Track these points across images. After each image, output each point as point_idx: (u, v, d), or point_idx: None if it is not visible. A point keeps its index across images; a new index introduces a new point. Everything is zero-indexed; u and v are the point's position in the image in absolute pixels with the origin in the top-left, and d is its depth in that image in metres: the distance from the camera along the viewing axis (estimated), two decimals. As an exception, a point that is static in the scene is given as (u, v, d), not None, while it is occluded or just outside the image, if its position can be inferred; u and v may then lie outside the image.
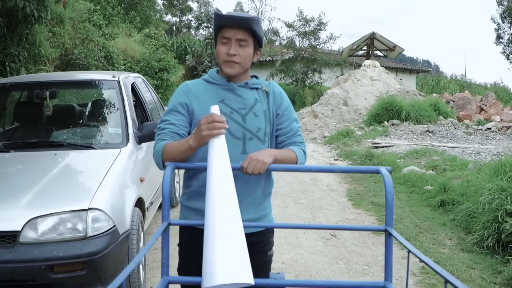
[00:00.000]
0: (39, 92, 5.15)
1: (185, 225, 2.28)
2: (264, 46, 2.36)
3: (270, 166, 2.03)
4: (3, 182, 3.70)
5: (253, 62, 2.30)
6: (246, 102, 2.26)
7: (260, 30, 2.25)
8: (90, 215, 3.34)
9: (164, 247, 1.84)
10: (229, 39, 2.20)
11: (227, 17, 2.19)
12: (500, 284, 4.35)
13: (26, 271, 3.19)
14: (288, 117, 2.34)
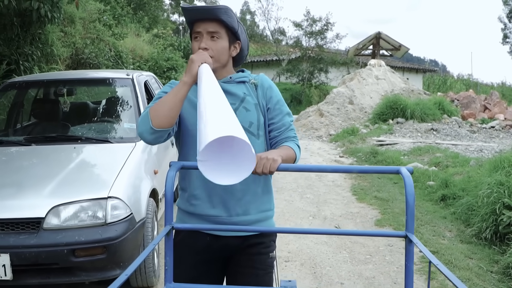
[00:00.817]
0: (57, 90, 5.41)
1: (190, 229, 2.16)
2: (248, 41, 2.32)
3: (280, 166, 1.89)
4: (26, 173, 3.95)
5: (234, 57, 2.22)
6: (235, 97, 2.14)
7: (232, 20, 2.12)
8: (109, 203, 3.58)
9: (168, 252, 1.75)
10: (200, 33, 2.11)
11: (191, 9, 2.10)
12: (496, 273, 4.56)
13: (49, 255, 3.44)
14: (279, 111, 2.21)
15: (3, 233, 3.46)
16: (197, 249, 2.17)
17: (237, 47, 2.21)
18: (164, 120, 1.95)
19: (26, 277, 3.52)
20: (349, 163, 10.08)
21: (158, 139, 2.02)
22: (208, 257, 2.19)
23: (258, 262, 2.18)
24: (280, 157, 1.93)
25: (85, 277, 3.59)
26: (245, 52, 2.28)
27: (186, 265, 2.17)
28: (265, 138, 2.21)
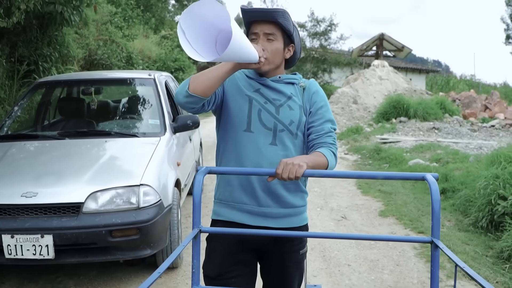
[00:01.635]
0: (85, 89, 5.84)
1: (217, 232, 2.18)
2: (301, 45, 2.39)
3: (305, 171, 1.90)
4: (64, 163, 4.37)
5: (287, 59, 2.29)
6: (282, 94, 2.21)
7: (288, 23, 2.18)
8: (141, 190, 4.00)
9: (195, 255, 1.78)
10: (257, 34, 2.17)
11: (251, 11, 2.17)
12: (490, 257, 4.96)
13: (89, 236, 3.85)
14: (321, 116, 2.22)
15: (46, 217, 3.86)
16: (231, 242, 2.21)
17: (291, 49, 2.28)
18: (199, 86, 1.99)
19: (66, 257, 3.92)
20: (354, 160, 10.50)
21: (189, 105, 2.05)
22: (241, 250, 2.22)
23: (289, 260, 2.24)
24: (305, 163, 1.92)
25: (119, 255, 4.01)
26: (297, 55, 2.33)
27: (219, 255, 2.23)
28: (303, 139, 2.23)
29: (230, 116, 2.21)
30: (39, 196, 3.88)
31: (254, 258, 2.28)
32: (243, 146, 2.18)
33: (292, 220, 2.23)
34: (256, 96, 2.19)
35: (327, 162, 2.08)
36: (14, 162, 4.49)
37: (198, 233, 1.80)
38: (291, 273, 2.27)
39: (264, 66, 2.14)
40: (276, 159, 2.08)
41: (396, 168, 9.06)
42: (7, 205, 3.89)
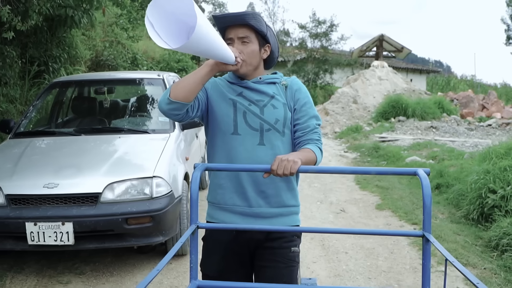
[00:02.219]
0: (98, 88, 6.20)
1: (215, 228, 2.26)
2: (278, 44, 2.41)
3: (300, 167, 1.95)
4: (82, 157, 4.72)
5: (265, 59, 2.34)
6: (264, 95, 2.26)
7: (261, 24, 2.23)
8: (154, 181, 4.34)
9: (193, 251, 1.83)
10: (231, 39, 2.22)
11: (221, 17, 2.22)
12: (479, 246, 5.28)
13: (106, 223, 4.19)
14: (305, 112, 2.27)
15: (67, 206, 4.21)
16: (225, 241, 2.28)
17: (267, 50, 2.31)
18: (180, 92, 2.06)
19: (85, 243, 4.26)
20: (353, 158, 10.84)
21: (173, 111, 2.12)
22: (236, 249, 2.29)
23: (279, 255, 2.26)
24: (299, 159, 1.97)
25: (134, 242, 4.36)
26: (275, 54, 2.37)
27: (215, 256, 2.31)
28: (290, 137, 2.28)
29: (216, 121, 2.28)
30: (60, 187, 4.22)
31: (249, 260, 2.34)
32: (232, 149, 2.24)
33: (284, 220, 2.28)
34: (239, 99, 2.24)
35: (316, 158, 2.15)
36: (34, 156, 4.84)
37: (196, 229, 1.83)
38: (281, 271, 2.27)
39: (242, 68, 2.20)
40: (266, 158, 2.17)
41: (393, 165, 9.40)
42: (31, 195, 4.23)
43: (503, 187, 5.77)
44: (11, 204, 4.24)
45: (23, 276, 4.52)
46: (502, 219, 5.34)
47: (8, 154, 4.94)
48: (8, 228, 4.21)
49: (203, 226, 1.94)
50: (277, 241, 2.26)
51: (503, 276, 4.45)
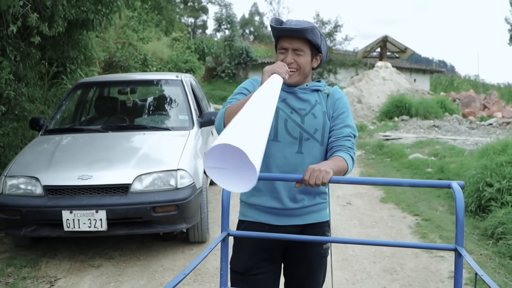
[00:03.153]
0: (121, 89, 6.66)
1: (246, 236, 2.26)
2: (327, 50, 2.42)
3: (332, 178, 1.95)
4: (112, 152, 5.16)
5: (313, 67, 2.38)
6: (307, 103, 2.30)
7: (316, 37, 2.26)
8: (178, 173, 4.77)
9: (223, 258, 1.86)
10: (286, 49, 2.27)
11: (281, 29, 2.24)
12: (476, 235, 5.69)
13: (136, 211, 4.62)
14: (342, 120, 2.29)
15: (100, 196, 4.64)
16: (257, 238, 2.29)
17: (318, 59, 2.37)
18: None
19: (116, 229, 4.70)
20: (358, 155, 11.25)
21: None
22: (268, 245, 2.33)
23: (312, 252, 2.35)
24: (331, 169, 1.97)
25: (160, 228, 4.79)
26: (324, 60, 2.42)
27: (246, 251, 2.34)
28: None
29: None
30: (93, 178, 4.66)
31: (279, 256, 2.39)
32: (270, 155, 2.25)
33: (315, 216, 2.35)
34: (282, 106, 2.27)
35: (347, 167, 2.15)
36: (67, 151, 5.28)
37: (227, 236, 1.86)
38: (314, 267, 2.37)
39: (290, 79, 2.26)
40: (303, 167, 2.18)
41: (396, 162, 9.82)
42: (66, 186, 4.67)
43: (499, 181, 6.17)
44: (48, 194, 4.67)
45: (56, 261, 4.95)
46: (498, 210, 5.75)
47: (42, 149, 5.39)
48: (46, 216, 4.65)
49: (234, 234, 1.97)
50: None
51: (497, 261, 4.85)
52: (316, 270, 2.39)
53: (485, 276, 1.45)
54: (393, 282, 4.40)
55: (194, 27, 49.99)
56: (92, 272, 4.66)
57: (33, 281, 4.49)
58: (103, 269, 4.74)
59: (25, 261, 4.87)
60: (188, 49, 23.13)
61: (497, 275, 4.52)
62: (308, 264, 2.36)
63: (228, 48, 29.32)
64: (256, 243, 2.32)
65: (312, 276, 2.39)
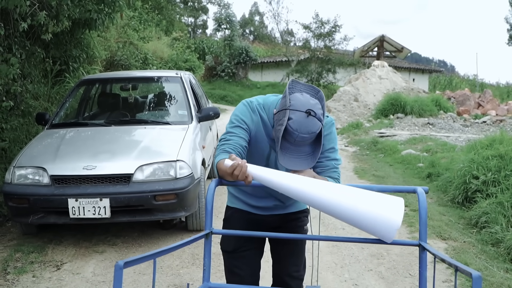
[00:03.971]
0: (124, 85, 6.95)
1: (229, 234, 2.44)
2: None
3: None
4: (115, 144, 5.45)
5: None
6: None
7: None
8: (177, 164, 5.05)
9: (206, 254, 1.95)
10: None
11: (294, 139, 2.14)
12: (462, 224, 5.97)
13: (137, 199, 4.90)
14: (328, 155, 2.37)
15: (104, 185, 4.93)
16: (244, 222, 2.58)
17: None
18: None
19: (119, 216, 4.98)
20: (353, 151, 11.55)
21: None
22: (253, 228, 2.53)
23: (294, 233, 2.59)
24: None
25: (161, 216, 5.08)
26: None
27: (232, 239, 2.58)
28: None
29: (251, 154, 2.41)
30: (97, 168, 4.95)
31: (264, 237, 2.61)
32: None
33: (296, 205, 2.61)
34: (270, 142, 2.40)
35: None
36: (72, 143, 5.56)
37: (210, 234, 1.96)
38: (298, 245, 2.64)
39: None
40: (284, 196, 2.41)
41: (390, 157, 10.10)
42: (72, 175, 4.96)
43: (485, 173, 6.45)
44: (55, 183, 4.96)
45: (62, 247, 5.23)
46: (483, 201, 6.03)
47: (48, 142, 5.67)
48: (53, 204, 4.93)
49: (217, 232, 2.06)
50: (293, 223, 2.59)
51: (479, 248, 5.13)
52: (299, 249, 2.64)
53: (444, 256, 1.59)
54: (379, 266, 4.69)
55: (194, 27, 50.21)
56: (96, 257, 4.94)
57: (40, 265, 4.77)
58: (107, 254, 5.02)
59: (32, 247, 5.15)
60: (188, 49, 23.40)
61: (478, 260, 4.79)
62: (293, 243, 2.61)
63: (228, 48, 29.54)
64: (244, 226, 2.53)
65: (297, 253, 2.63)
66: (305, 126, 2.10)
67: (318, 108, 2.16)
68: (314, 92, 2.26)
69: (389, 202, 1.82)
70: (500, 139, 7.26)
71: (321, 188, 1.89)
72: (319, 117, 2.13)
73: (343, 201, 1.83)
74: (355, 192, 1.87)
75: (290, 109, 2.12)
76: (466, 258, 4.79)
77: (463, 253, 4.97)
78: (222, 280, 4.37)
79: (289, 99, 2.15)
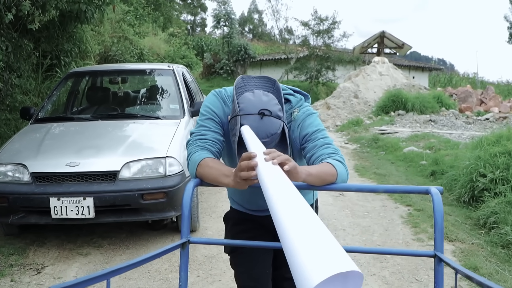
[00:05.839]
0: (112, 78, 6.62)
1: (206, 243, 2.06)
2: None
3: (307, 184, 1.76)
4: (101, 139, 5.12)
5: None
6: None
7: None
8: (167, 161, 4.73)
9: (183, 267, 1.69)
10: None
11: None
12: (469, 224, 5.66)
13: (124, 198, 4.58)
14: (313, 139, 2.02)
15: (88, 183, 4.60)
16: (244, 222, 2.37)
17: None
18: (203, 177, 1.90)
19: (104, 216, 4.65)
20: (353, 148, 11.23)
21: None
22: (256, 228, 2.34)
23: None
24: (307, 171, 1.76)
25: (149, 216, 4.75)
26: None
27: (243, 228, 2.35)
28: None
29: (225, 154, 2.21)
30: (81, 165, 4.62)
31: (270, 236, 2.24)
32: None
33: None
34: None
35: (336, 172, 1.85)
36: (56, 138, 5.24)
37: (187, 243, 1.69)
38: None
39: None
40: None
41: (391, 154, 9.78)
42: (54, 173, 4.63)
43: (492, 171, 6.14)
44: (36, 181, 4.63)
45: (44, 249, 4.91)
46: (491, 200, 5.71)
47: (31, 137, 5.35)
48: (34, 203, 4.60)
49: (195, 242, 1.78)
50: None
51: (489, 250, 4.82)
52: None
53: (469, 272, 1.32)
54: (382, 270, 4.37)
55: (193, 24, 50.00)
56: (80, 260, 4.62)
57: (20, 268, 4.45)
58: (91, 257, 4.70)
59: (13, 249, 4.83)
60: (186, 45, 23.09)
61: (488, 264, 4.49)
62: None
63: (227, 45, 29.25)
64: (244, 226, 2.34)
65: None
66: (262, 129, 1.83)
67: (274, 104, 1.89)
68: (269, 84, 2.01)
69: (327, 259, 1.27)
70: (508, 135, 6.94)
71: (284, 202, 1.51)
72: (276, 114, 1.86)
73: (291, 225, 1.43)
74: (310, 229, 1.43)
75: (240, 114, 1.86)
76: (475, 261, 4.48)
77: (472, 256, 4.66)
78: (214, 286, 4.09)
79: (237, 104, 1.88)
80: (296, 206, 1.48)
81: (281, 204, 1.50)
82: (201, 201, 6.16)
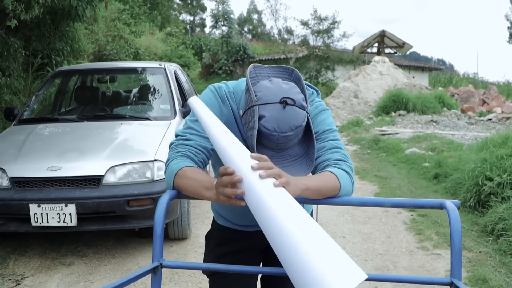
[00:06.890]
0: (101, 77, 6.31)
1: (181, 267, 1.71)
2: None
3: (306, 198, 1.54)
4: (85, 142, 4.82)
5: None
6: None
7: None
8: (155, 164, 4.43)
9: None
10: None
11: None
12: (475, 231, 5.37)
13: (108, 205, 4.28)
14: (323, 139, 1.79)
15: (70, 188, 4.31)
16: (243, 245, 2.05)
17: None
18: (181, 188, 1.69)
19: (87, 224, 4.36)
20: (353, 150, 10.92)
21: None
22: (247, 246, 2.05)
23: None
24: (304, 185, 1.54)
25: (135, 224, 4.45)
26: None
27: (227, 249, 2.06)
28: None
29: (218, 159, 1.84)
30: (63, 170, 4.32)
31: (259, 259, 2.11)
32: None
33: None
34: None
35: (339, 182, 1.64)
36: (38, 141, 4.94)
37: (159, 267, 1.48)
38: None
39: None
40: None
41: (393, 156, 9.48)
42: (34, 177, 4.33)
43: (499, 174, 5.84)
44: (15, 186, 4.34)
45: (26, 258, 4.62)
46: (498, 205, 5.42)
47: (12, 140, 5.05)
48: (12, 210, 4.30)
49: (168, 266, 1.54)
50: None
51: (498, 259, 4.53)
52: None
53: None
54: (386, 282, 4.07)
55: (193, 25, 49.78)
56: (62, 271, 4.33)
57: (-3, 279, 4.16)
58: (74, 267, 4.41)
59: (-9, 259, 4.55)
60: (183, 44, 22.81)
61: (498, 274, 4.20)
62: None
63: (226, 45, 28.96)
64: (236, 244, 2.05)
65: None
66: (285, 121, 1.57)
67: (296, 92, 1.62)
68: (286, 73, 1.74)
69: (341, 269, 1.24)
70: (515, 137, 6.66)
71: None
72: (300, 103, 1.59)
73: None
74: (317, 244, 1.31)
75: (258, 104, 1.58)
76: (484, 272, 4.18)
77: (480, 266, 4.37)
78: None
79: (253, 92, 1.61)
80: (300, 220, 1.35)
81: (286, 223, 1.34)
82: (194, 206, 5.86)
